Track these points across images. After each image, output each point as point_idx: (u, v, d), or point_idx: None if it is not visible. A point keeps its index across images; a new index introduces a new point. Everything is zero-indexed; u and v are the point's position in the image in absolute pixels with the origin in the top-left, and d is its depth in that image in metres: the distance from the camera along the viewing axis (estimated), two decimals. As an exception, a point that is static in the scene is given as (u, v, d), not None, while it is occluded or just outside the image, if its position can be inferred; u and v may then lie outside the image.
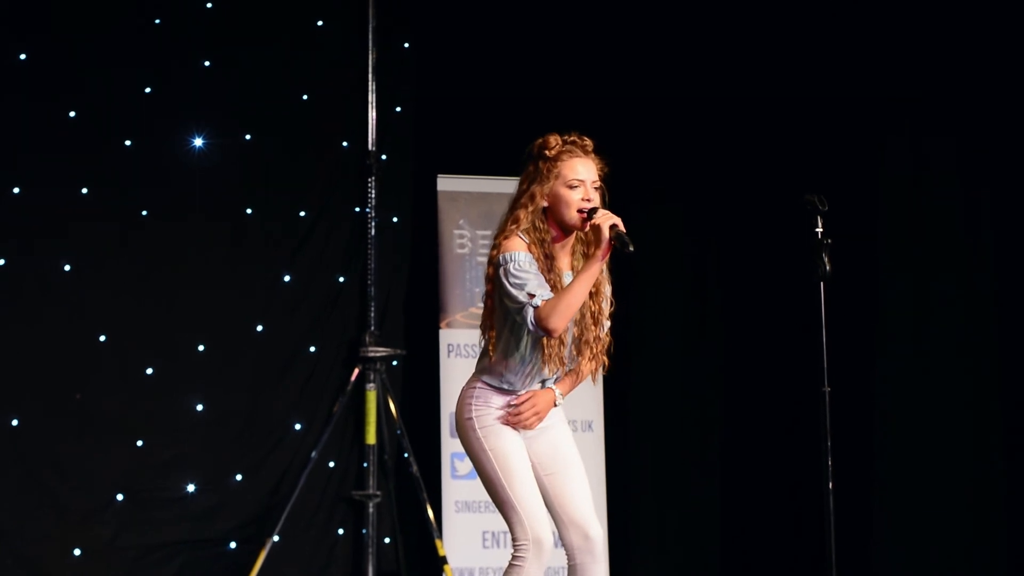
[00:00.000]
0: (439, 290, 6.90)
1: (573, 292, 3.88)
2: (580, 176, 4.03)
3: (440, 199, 6.94)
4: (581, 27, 7.26)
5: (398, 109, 7.04)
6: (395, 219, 7.00)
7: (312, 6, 6.98)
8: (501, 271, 3.94)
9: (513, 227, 4.01)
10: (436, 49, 7.13)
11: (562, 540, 4.07)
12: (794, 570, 7.03)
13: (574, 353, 4.07)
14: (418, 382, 7.00)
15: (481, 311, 4.17)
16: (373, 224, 6.81)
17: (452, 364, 6.84)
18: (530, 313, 3.88)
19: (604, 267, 4.02)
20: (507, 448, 4.00)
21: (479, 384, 4.09)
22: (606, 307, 4.12)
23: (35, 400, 6.35)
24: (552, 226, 4.05)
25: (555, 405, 4.11)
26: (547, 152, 4.07)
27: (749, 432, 7.34)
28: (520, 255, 3.94)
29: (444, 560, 6.52)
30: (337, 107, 6.95)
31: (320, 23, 6.98)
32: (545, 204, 4.03)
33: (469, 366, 6.73)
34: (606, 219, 3.93)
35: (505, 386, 4.06)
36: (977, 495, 7.04)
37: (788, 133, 7.24)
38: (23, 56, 6.48)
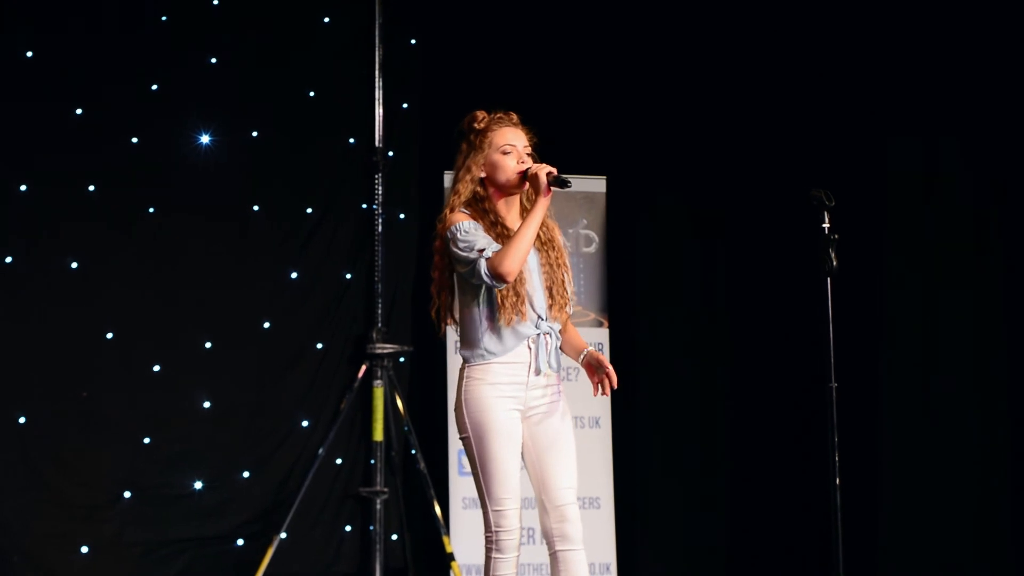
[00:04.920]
0: (446, 286, 6.87)
1: (521, 235, 3.98)
2: (511, 142, 4.14)
3: (447, 195, 6.91)
4: (588, 23, 7.25)
5: (405, 105, 7.04)
6: (402, 215, 7.00)
7: (319, 3, 6.98)
8: (450, 244, 4.04)
9: (455, 200, 4.13)
10: (442, 45, 7.12)
11: (542, 528, 4.08)
12: (801, 567, 7.02)
13: (549, 302, 4.13)
14: (425, 379, 7.00)
15: None
16: (380, 220, 6.81)
17: (459, 360, 6.77)
18: (483, 265, 3.96)
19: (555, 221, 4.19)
20: (492, 445, 4.02)
21: (466, 369, 4.14)
22: (566, 255, 4.23)
23: (42, 397, 6.35)
24: (493, 193, 4.15)
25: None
26: (476, 125, 4.18)
27: (756, 429, 7.33)
28: (464, 223, 4.06)
29: (451, 556, 6.52)
30: (344, 103, 6.95)
31: (327, 20, 6.98)
32: (483, 174, 4.15)
33: (475, 363, 6.82)
34: (540, 168, 4.04)
35: (488, 356, 4.09)
36: (983, 492, 7.01)
37: (796, 128, 7.22)
38: (30, 54, 6.48)
